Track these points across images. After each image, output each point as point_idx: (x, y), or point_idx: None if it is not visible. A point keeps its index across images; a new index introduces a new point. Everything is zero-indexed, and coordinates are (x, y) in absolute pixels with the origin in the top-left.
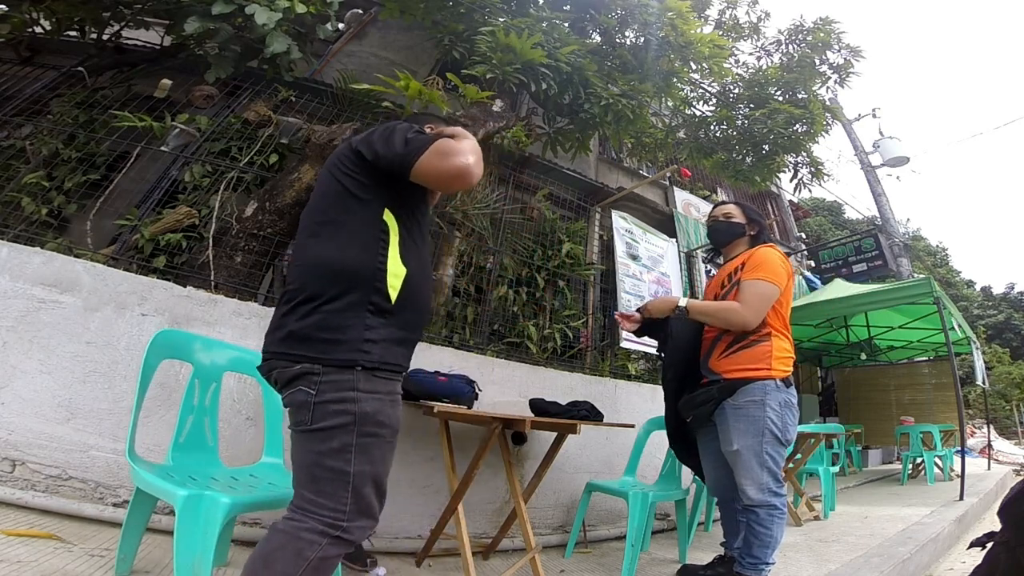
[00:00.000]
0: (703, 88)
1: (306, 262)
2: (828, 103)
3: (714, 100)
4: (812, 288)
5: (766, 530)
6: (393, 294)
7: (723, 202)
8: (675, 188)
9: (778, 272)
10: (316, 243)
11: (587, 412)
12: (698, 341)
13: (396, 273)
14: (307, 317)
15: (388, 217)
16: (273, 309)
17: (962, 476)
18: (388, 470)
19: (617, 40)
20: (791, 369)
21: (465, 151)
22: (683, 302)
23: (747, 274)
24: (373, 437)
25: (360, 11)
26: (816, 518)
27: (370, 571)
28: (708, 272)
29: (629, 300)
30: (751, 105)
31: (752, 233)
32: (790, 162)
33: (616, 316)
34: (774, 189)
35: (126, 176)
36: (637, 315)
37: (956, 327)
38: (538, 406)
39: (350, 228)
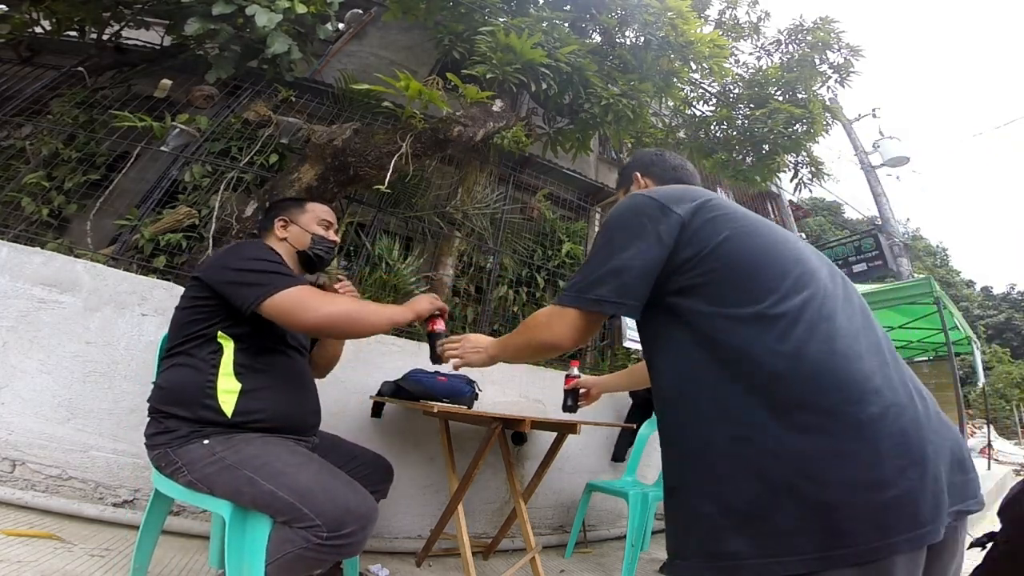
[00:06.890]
0: (703, 88)
1: (156, 386)
2: (828, 103)
3: (714, 100)
4: None
5: None
6: (228, 408)
7: None
8: None
9: None
10: (161, 373)
11: None
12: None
13: (229, 389)
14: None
15: (221, 337)
16: None
17: None
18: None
19: (617, 40)
20: None
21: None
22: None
23: None
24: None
25: (360, 11)
26: None
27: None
28: None
29: None
30: (751, 105)
31: None
32: (790, 162)
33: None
34: (774, 189)
35: (126, 176)
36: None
37: (958, 326)
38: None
39: (186, 353)
